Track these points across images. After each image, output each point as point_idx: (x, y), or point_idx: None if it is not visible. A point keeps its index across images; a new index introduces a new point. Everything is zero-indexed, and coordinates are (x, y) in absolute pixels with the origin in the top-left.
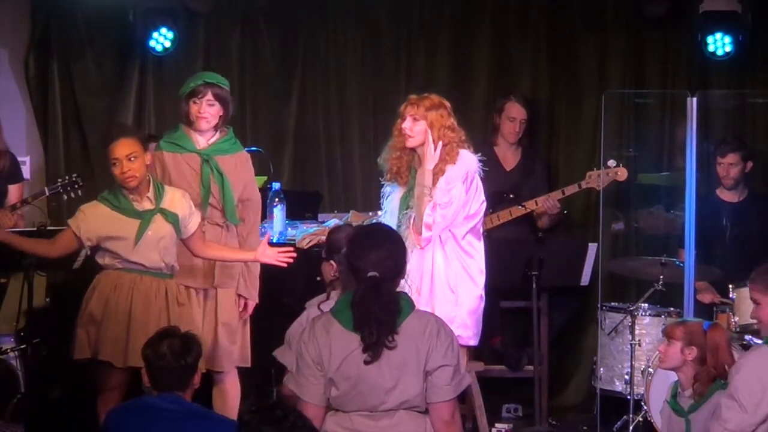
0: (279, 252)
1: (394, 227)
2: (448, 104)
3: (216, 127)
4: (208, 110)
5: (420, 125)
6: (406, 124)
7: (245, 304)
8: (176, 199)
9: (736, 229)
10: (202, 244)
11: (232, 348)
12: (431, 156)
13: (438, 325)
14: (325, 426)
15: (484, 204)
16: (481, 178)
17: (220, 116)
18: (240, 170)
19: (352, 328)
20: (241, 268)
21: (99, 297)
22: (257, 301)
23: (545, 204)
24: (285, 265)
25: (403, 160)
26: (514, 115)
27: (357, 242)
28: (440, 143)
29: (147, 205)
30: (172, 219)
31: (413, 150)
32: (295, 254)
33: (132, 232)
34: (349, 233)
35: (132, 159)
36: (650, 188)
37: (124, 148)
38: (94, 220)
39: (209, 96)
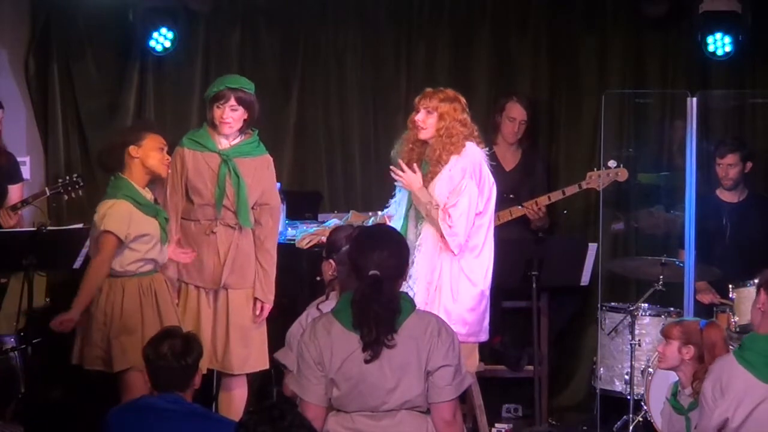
0: (180, 252)
1: (401, 217)
2: (463, 100)
3: (241, 130)
4: (231, 115)
5: (433, 117)
6: (419, 116)
7: (261, 308)
8: None
9: (735, 229)
10: None
11: (244, 351)
12: (410, 178)
13: (439, 325)
14: (327, 426)
15: (493, 200)
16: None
17: (244, 120)
18: (259, 174)
19: (352, 326)
20: (256, 271)
21: (131, 305)
22: (272, 304)
23: (531, 208)
24: (187, 260)
25: (414, 153)
26: (514, 115)
27: (360, 241)
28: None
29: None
30: (164, 215)
31: (425, 142)
32: (192, 253)
33: (153, 230)
34: (350, 233)
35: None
36: (650, 188)
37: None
38: (129, 219)
39: (232, 101)
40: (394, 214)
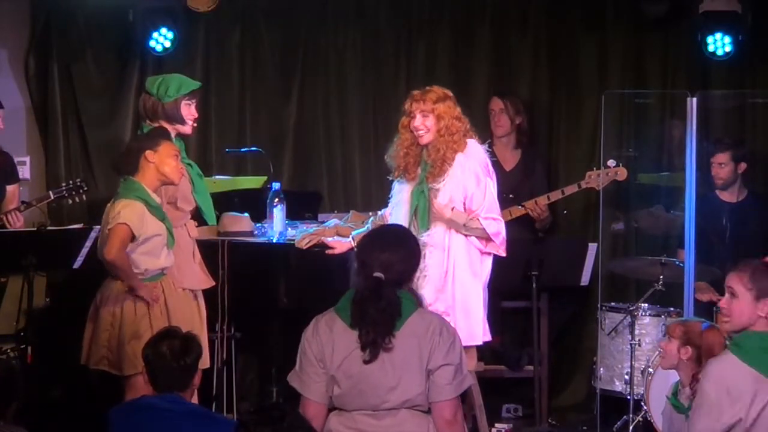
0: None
1: (401, 219)
2: (451, 94)
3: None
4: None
5: (430, 119)
6: (417, 122)
7: None
8: None
9: (735, 229)
10: None
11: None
12: (439, 209)
13: (441, 324)
14: (329, 425)
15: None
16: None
17: None
18: None
19: (351, 324)
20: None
21: (141, 309)
22: None
23: (534, 209)
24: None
25: (410, 157)
26: (492, 107)
27: (372, 240)
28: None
29: None
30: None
31: (419, 145)
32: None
33: (162, 232)
34: None
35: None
36: (650, 188)
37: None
38: (143, 218)
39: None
40: (392, 215)
